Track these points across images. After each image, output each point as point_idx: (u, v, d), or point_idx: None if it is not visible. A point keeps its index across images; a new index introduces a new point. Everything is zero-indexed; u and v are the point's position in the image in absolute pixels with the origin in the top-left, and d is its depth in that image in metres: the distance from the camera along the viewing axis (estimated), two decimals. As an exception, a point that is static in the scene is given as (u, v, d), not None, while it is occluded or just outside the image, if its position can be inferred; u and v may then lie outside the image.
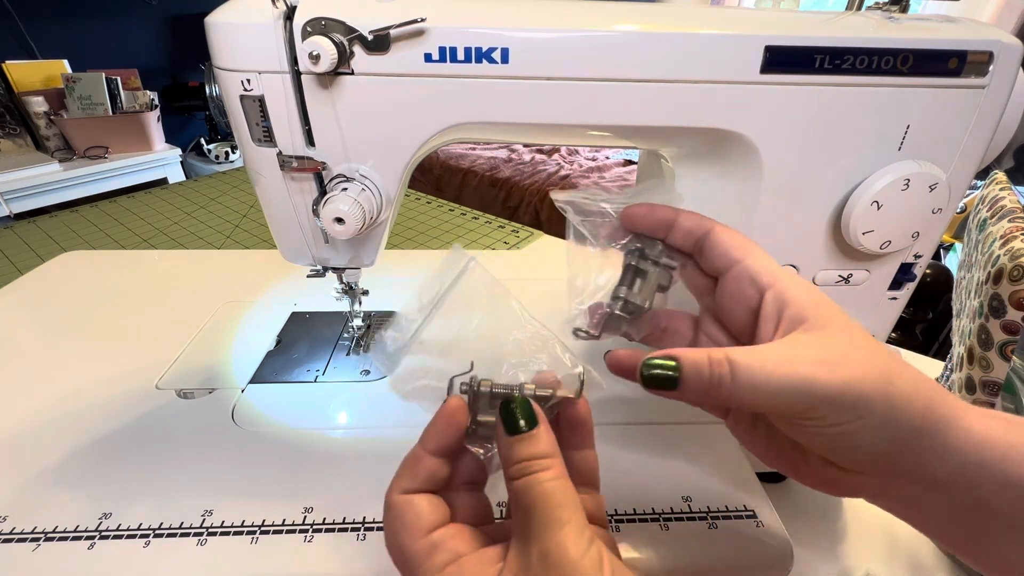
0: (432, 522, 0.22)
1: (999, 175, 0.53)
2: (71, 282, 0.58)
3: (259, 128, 0.31)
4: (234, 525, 0.31)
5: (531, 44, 0.28)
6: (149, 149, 1.96)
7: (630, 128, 0.32)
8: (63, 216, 0.93)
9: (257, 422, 0.39)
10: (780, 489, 0.46)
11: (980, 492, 0.20)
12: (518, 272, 0.61)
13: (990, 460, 0.20)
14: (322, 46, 0.27)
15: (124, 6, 2.09)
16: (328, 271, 0.40)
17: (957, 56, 0.29)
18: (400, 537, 0.22)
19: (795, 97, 0.30)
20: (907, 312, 1.14)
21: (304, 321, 0.50)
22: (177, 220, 0.92)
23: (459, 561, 0.21)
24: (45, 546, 0.29)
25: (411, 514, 0.22)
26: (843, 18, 0.31)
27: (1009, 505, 0.20)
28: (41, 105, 1.79)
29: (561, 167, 1.99)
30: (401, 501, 0.23)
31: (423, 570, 0.21)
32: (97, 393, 0.41)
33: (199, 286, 0.57)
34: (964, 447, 0.20)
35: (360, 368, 0.45)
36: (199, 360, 0.45)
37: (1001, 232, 0.43)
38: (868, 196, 0.32)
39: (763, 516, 0.33)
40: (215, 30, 0.28)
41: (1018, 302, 0.37)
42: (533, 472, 0.21)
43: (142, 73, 2.00)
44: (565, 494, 0.20)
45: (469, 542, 0.22)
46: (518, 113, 0.31)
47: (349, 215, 0.30)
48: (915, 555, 0.41)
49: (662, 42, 0.29)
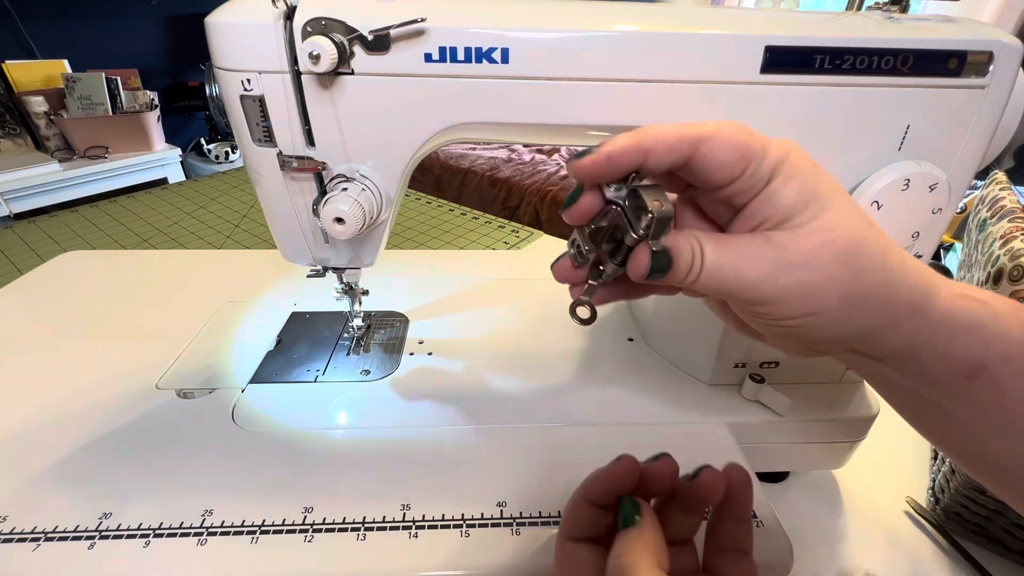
0: (589, 571, 0.23)
1: (999, 175, 0.53)
2: (71, 282, 0.58)
3: (259, 128, 0.31)
4: (234, 525, 0.31)
5: (531, 44, 0.28)
6: (149, 149, 1.96)
7: (630, 128, 0.32)
8: (63, 216, 0.93)
9: (257, 422, 0.39)
10: (780, 489, 0.46)
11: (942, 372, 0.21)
12: (518, 272, 0.61)
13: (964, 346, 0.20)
14: (322, 46, 0.27)
15: (124, 6, 2.09)
16: (328, 271, 0.40)
17: (957, 56, 0.29)
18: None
19: (795, 97, 0.30)
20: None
21: (304, 321, 0.50)
22: (177, 220, 0.92)
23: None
24: (45, 546, 0.29)
25: (573, 560, 0.24)
26: (843, 18, 0.31)
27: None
28: (41, 105, 1.79)
29: (561, 167, 1.98)
30: (567, 548, 0.24)
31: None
32: (97, 393, 0.41)
33: (199, 286, 0.57)
34: (932, 337, 0.21)
35: (360, 368, 0.45)
36: (199, 360, 0.45)
37: (1001, 232, 0.43)
38: (868, 196, 0.32)
39: (763, 516, 0.33)
40: (215, 30, 0.28)
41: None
42: (624, 566, 0.21)
43: (142, 73, 2.00)
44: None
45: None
46: (518, 113, 0.31)
47: (349, 215, 0.30)
48: (915, 555, 0.41)
49: (662, 42, 0.29)
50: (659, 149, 0.20)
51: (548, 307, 0.54)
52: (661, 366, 0.46)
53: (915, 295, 0.21)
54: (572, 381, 0.44)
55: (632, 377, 0.45)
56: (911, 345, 0.21)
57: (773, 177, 0.20)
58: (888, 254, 0.21)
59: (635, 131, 0.21)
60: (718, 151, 0.20)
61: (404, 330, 0.50)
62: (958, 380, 0.21)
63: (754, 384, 0.41)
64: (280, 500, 0.32)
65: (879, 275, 0.20)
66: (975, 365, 0.20)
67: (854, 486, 0.47)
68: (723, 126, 0.20)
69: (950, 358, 0.21)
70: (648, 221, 0.20)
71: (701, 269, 0.21)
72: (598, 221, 0.22)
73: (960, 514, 0.41)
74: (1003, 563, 0.40)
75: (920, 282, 0.21)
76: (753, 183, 0.20)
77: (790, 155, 0.21)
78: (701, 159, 0.20)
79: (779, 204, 0.20)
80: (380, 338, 0.48)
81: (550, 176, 1.91)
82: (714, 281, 0.21)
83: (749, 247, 0.20)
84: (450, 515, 0.32)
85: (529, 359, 0.46)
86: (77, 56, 1.93)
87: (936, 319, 0.21)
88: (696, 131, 0.20)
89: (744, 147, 0.20)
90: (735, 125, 0.21)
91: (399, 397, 0.42)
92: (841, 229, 0.20)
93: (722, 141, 0.20)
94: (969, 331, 0.20)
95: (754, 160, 0.20)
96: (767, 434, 0.41)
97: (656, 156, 0.20)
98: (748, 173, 0.20)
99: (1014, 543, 0.40)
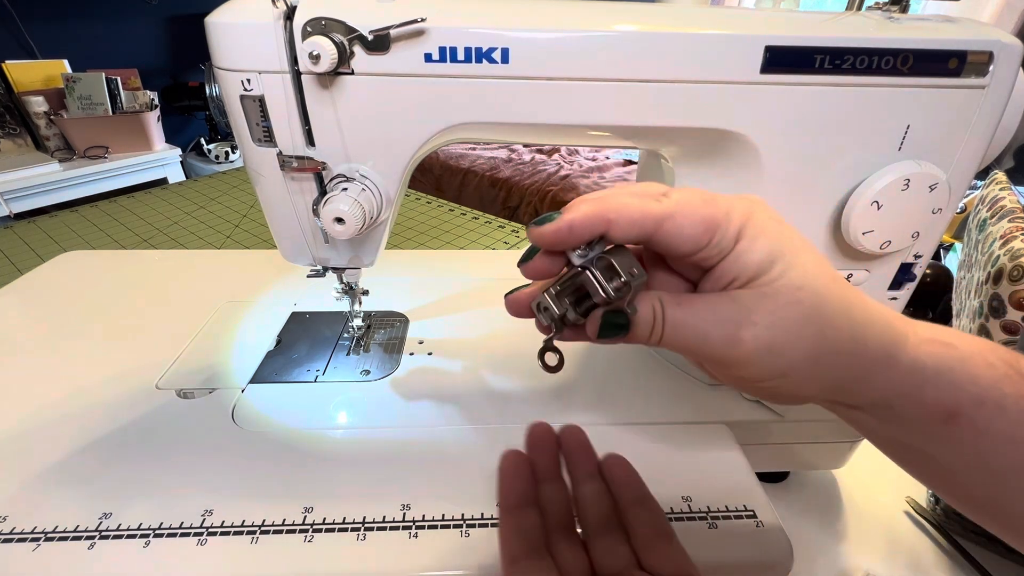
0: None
1: (999, 175, 0.53)
2: (71, 282, 0.58)
3: (259, 128, 0.31)
4: (234, 525, 0.31)
5: (531, 44, 0.28)
6: (149, 149, 1.96)
7: (630, 128, 0.32)
8: (63, 216, 0.93)
9: (257, 422, 0.39)
10: (780, 489, 0.46)
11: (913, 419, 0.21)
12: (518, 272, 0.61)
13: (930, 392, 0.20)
14: (322, 46, 0.27)
15: (124, 6, 2.08)
16: (328, 271, 0.40)
17: (957, 56, 0.29)
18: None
19: (795, 97, 0.30)
20: (907, 312, 1.13)
21: (304, 321, 0.50)
22: (177, 220, 0.92)
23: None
24: (45, 546, 0.29)
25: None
26: (843, 18, 0.31)
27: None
28: (41, 105, 1.79)
29: (561, 167, 1.98)
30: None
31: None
32: (97, 393, 0.41)
33: (199, 286, 0.57)
34: (903, 387, 0.21)
35: (360, 368, 0.45)
36: (199, 360, 0.45)
37: (1001, 232, 0.43)
38: (868, 196, 0.32)
39: (763, 516, 0.33)
40: (215, 30, 0.28)
41: (1018, 302, 0.37)
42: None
43: (142, 73, 2.00)
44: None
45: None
46: (518, 113, 0.31)
47: (349, 215, 0.30)
48: (915, 555, 0.41)
49: (662, 42, 0.29)
50: (621, 223, 0.20)
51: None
52: (661, 366, 0.46)
53: (883, 346, 0.21)
54: (572, 381, 0.44)
55: (632, 377, 0.45)
56: (884, 395, 0.21)
57: (739, 239, 0.20)
58: (853, 307, 0.21)
59: (599, 198, 0.20)
60: (682, 226, 0.20)
61: (404, 330, 0.50)
62: (935, 425, 0.21)
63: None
64: (280, 500, 0.32)
65: (845, 331, 0.20)
66: (949, 411, 0.20)
67: (854, 486, 0.47)
68: (684, 200, 0.20)
69: (923, 405, 0.21)
70: (619, 284, 0.20)
71: (663, 330, 0.21)
72: (564, 283, 0.22)
73: (960, 514, 0.41)
74: (1003, 563, 0.40)
75: (887, 331, 0.21)
76: (720, 248, 0.20)
77: (754, 215, 0.21)
78: (664, 235, 0.20)
79: (746, 264, 0.20)
80: (380, 338, 0.48)
81: (550, 176, 1.91)
82: (678, 341, 0.21)
83: (714, 309, 0.21)
84: (450, 515, 0.32)
85: (529, 359, 0.46)
86: (77, 56, 1.93)
87: (905, 368, 0.21)
88: (659, 209, 0.20)
89: (708, 220, 0.20)
90: (697, 196, 0.21)
91: (399, 397, 0.42)
92: (807, 287, 0.20)
93: (685, 216, 0.20)
94: (937, 377, 0.20)
95: (719, 228, 0.20)
96: (767, 434, 0.41)
97: (619, 228, 0.20)
98: (714, 241, 0.20)
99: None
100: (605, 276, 0.21)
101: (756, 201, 0.21)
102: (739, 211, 0.20)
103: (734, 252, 0.20)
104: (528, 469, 0.27)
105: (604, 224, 0.20)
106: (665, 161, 0.40)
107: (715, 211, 0.20)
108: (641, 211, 0.20)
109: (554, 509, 0.26)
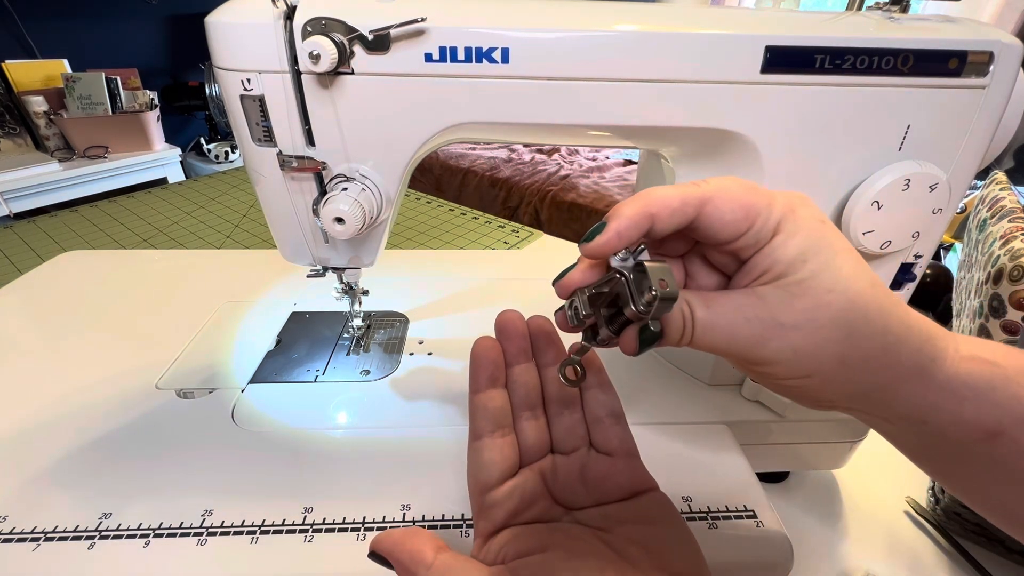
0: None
1: (999, 175, 0.53)
2: (71, 282, 0.58)
3: (259, 128, 0.31)
4: (234, 525, 0.31)
5: (531, 44, 0.28)
6: (149, 149, 1.96)
7: (630, 128, 0.32)
8: (63, 216, 0.93)
9: (257, 422, 0.39)
10: (780, 489, 0.46)
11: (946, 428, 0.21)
12: (518, 272, 0.61)
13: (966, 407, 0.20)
14: (322, 46, 0.27)
15: (124, 6, 2.09)
16: (328, 271, 0.40)
17: (957, 56, 0.29)
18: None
19: (795, 97, 0.30)
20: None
21: (304, 321, 0.50)
22: (177, 220, 0.92)
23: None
24: (45, 546, 0.29)
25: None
26: (843, 18, 0.31)
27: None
28: (41, 105, 1.79)
29: (561, 167, 1.99)
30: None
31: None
32: (97, 393, 0.41)
33: (199, 286, 0.57)
34: (939, 402, 0.20)
35: (360, 368, 0.45)
36: (199, 360, 0.45)
37: (1001, 232, 0.43)
38: (868, 196, 0.32)
39: (763, 516, 0.33)
40: (215, 30, 0.28)
41: (1018, 302, 0.37)
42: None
43: (142, 73, 2.00)
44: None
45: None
46: (518, 113, 0.31)
47: (349, 215, 0.30)
48: (915, 555, 0.41)
49: (662, 42, 0.29)
50: (664, 214, 0.20)
51: (548, 307, 0.54)
52: (661, 366, 0.46)
53: (917, 359, 0.20)
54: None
55: (632, 377, 0.45)
56: (917, 408, 0.21)
57: (777, 232, 0.20)
58: (889, 317, 0.20)
59: (637, 198, 0.20)
60: (722, 211, 0.20)
61: (404, 330, 0.50)
62: (973, 443, 0.20)
63: (754, 384, 0.41)
64: (280, 500, 0.32)
65: (878, 339, 0.20)
66: (991, 430, 0.20)
67: (854, 486, 0.47)
68: (725, 184, 0.20)
69: (962, 422, 0.20)
70: (651, 299, 0.20)
71: (693, 332, 0.21)
72: (600, 286, 0.22)
73: (960, 514, 0.41)
74: (1003, 563, 0.40)
75: (925, 345, 0.20)
76: (758, 238, 0.20)
77: (796, 210, 0.20)
78: (705, 219, 0.20)
79: (779, 258, 0.20)
80: (380, 338, 0.48)
81: (550, 176, 1.91)
82: (707, 342, 0.21)
83: (742, 308, 0.20)
84: (450, 515, 0.32)
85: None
86: (77, 56, 1.93)
87: (942, 383, 0.20)
88: (699, 192, 0.20)
89: (749, 206, 0.20)
90: (738, 183, 0.21)
91: (399, 397, 0.42)
92: (838, 290, 0.20)
93: (725, 201, 0.20)
94: (978, 396, 0.20)
95: (759, 217, 0.20)
96: (767, 434, 0.41)
97: (662, 221, 0.20)
98: (754, 230, 0.20)
99: (1014, 543, 0.40)
100: (637, 287, 0.20)
101: (801, 197, 0.21)
102: (781, 203, 0.20)
103: (770, 245, 0.20)
104: (497, 353, 0.27)
105: (648, 220, 0.20)
106: (665, 161, 0.40)
107: (757, 199, 0.20)
108: (681, 198, 0.20)
109: (522, 390, 0.28)
